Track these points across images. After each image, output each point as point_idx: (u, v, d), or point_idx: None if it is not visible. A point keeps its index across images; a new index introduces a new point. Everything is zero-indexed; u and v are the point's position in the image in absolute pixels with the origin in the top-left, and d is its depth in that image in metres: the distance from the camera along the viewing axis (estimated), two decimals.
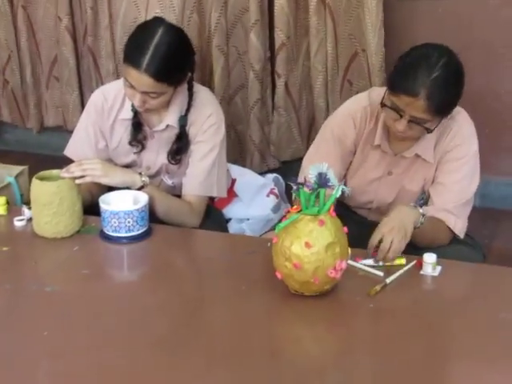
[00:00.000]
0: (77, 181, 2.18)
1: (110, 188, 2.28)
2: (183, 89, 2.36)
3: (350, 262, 1.93)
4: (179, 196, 2.41)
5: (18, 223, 2.25)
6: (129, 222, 2.13)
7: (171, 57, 2.21)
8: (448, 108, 2.14)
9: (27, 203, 2.27)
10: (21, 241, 2.20)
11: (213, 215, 2.53)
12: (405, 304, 1.86)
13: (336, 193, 1.79)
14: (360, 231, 2.05)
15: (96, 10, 3.95)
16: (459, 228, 2.25)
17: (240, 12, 3.65)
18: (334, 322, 1.80)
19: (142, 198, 2.20)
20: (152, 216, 2.23)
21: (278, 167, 3.86)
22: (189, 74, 2.34)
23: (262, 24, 3.58)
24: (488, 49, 3.43)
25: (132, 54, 2.21)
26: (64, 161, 2.34)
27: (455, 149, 2.24)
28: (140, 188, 2.25)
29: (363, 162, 2.34)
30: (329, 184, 1.77)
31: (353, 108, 2.33)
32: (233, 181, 3.10)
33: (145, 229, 2.18)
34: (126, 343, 1.68)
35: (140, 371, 1.58)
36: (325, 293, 1.83)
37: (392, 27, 3.42)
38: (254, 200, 3.25)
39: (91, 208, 2.28)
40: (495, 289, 1.93)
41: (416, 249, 2.12)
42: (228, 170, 2.69)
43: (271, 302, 1.86)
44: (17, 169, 2.80)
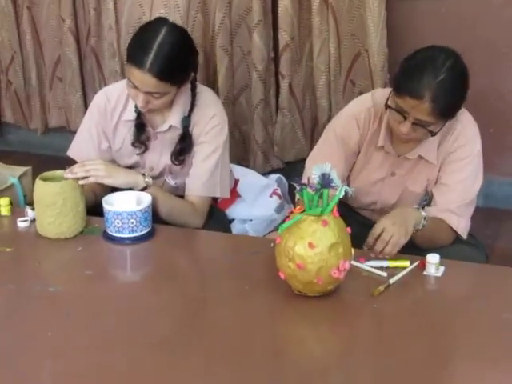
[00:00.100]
0: (80, 181, 2.18)
1: (114, 189, 2.28)
2: (186, 89, 2.36)
3: (354, 263, 1.93)
4: (182, 197, 2.41)
5: (22, 224, 2.25)
6: (132, 223, 2.13)
7: (174, 57, 2.21)
8: (452, 111, 2.13)
9: (30, 204, 2.28)
10: (24, 241, 2.20)
11: (216, 216, 2.53)
12: (408, 304, 1.86)
13: (339, 193, 1.79)
14: (363, 232, 2.04)
15: (99, 11, 3.96)
16: (462, 228, 2.24)
17: (244, 12, 3.65)
18: (338, 323, 1.80)
19: (146, 199, 2.20)
20: (155, 217, 2.23)
21: (282, 167, 3.86)
22: (192, 74, 2.34)
23: (266, 24, 3.58)
24: (491, 48, 3.42)
25: (135, 54, 2.21)
26: (67, 162, 2.34)
27: (459, 149, 2.24)
28: (143, 189, 2.25)
29: (366, 163, 2.34)
30: (332, 184, 1.76)
31: (356, 109, 2.33)
32: (236, 181, 3.10)
33: (148, 229, 2.18)
34: (129, 343, 1.68)
35: (143, 371, 1.57)
36: (328, 293, 1.83)
37: (395, 27, 3.42)
38: (257, 200, 3.25)
39: (94, 208, 2.28)
40: (498, 289, 1.93)
41: (419, 249, 2.12)
42: (231, 171, 2.68)
43: (274, 303, 1.85)
44: (20, 170, 2.80)
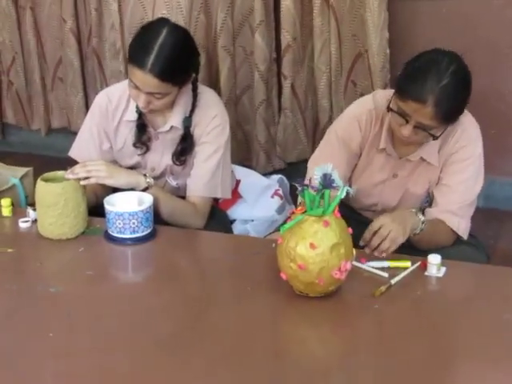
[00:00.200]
0: (81, 182, 2.18)
1: (115, 189, 2.28)
2: (187, 89, 2.36)
3: (355, 263, 1.93)
4: (184, 197, 2.41)
5: (23, 225, 2.25)
6: (133, 223, 2.13)
7: (175, 57, 2.21)
8: (455, 115, 2.13)
9: (32, 205, 2.28)
10: (26, 242, 2.21)
11: (217, 216, 2.53)
12: (409, 305, 1.86)
13: (341, 194, 1.79)
14: (365, 232, 2.04)
15: (100, 12, 3.96)
16: (463, 229, 2.25)
17: (246, 12, 3.65)
18: (339, 323, 1.80)
19: (147, 199, 2.20)
20: (156, 217, 2.24)
21: (284, 168, 3.86)
22: (193, 75, 2.34)
23: (267, 25, 3.58)
24: (492, 49, 3.42)
25: (136, 55, 2.21)
26: (69, 162, 2.34)
27: (461, 150, 2.24)
28: (145, 189, 2.25)
29: (368, 165, 2.34)
30: (333, 185, 1.76)
31: (358, 111, 2.33)
32: (237, 182, 3.10)
33: (149, 230, 2.18)
34: (131, 344, 1.68)
35: (144, 372, 1.57)
36: (329, 294, 1.83)
37: (397, 28, 3.42)
38: (259, 201, 3.25)
39: (96, 209, 2.28)
40: (499, 290, 1.93)
41: (420, 250, 2.12)
42: (232, 171, 2.68)
43: (276, 303, 1.86)
44: (21, 170, 2.80)
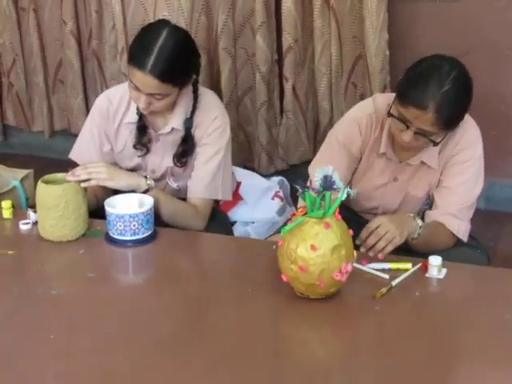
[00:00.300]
0: (82, 184, 2.18)
1: (116, 191, 2.28)
2: (188, 91, 2.36)
3: (356, 265, 1.93)
4: (184, 199, 2.41)
5: (24, 227, 2.25)
6: (134, 225, 2.13)
7: (176, 58, 2.21)
8: (455, 122, 2.12)
9: (32, 207, 2.27)
10: (26, 244, 2.20)
11: (218, 218, 2.53)
12: (410, 306, 1.86)
13: (341, 195, 1.79)
14: (362, 231, 2.04)
15: (101, 14, 3.97)
16: (462, 232, 2.25)
17: (248, 14, 3.65)
18: (340, 325, 1.80)
19: (148, 201, 2.19)
20: (157, 219, 2.23)
21: (286, 169, 3.86)
22: (194, 76, 2.34)
23: (269, 26, 3.59)
24: (494, 51, 3.42)
25: (137, 56, 2.21)
26: (69, 164, 2.34)
27: (461, 152, 2.24)
28: (145, 191, 2.25)
29: (368, 169, 2.34)
30: (334, 187, 1.76)
31: (358, 115, 2.32)
32: (238, 184, 3.10)
33: (150, 232, 2.18)
34: (131, 346, 1.68)
35: (145, 374, 1.57)
36: (330, 295, 1.83)
37: (397, 30, 3.42)
38: (259, 203, 3.25)
39: (97, 212, 2.28)
40: (500, 291, 1.93)
41: (420, 252, 2.12)
42: (233, 173, 2.69)
43: (276, 305, 1.85)
44: (22, 172, 2.80)
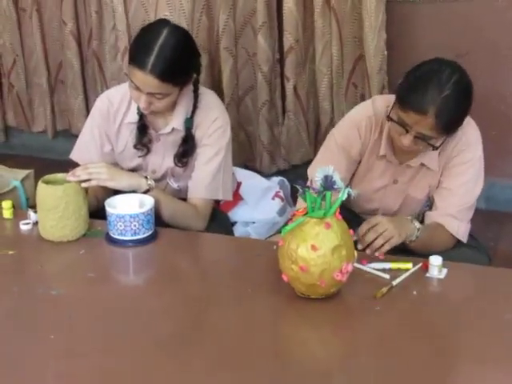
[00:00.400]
0: (82, 184, 2.18)
1: (116, 192, 2.28)
2: (188, 90, 2.36)
3: (356, 265, 1.93)
4: (185, 199, 2.41)
5: (24, 227, 2.25)
6: (134, 226, 2.13)
7: (176, 57, 2.21)
8: (455, 126, 2.12)
9: (32, 207, 2.27)
10: (27, 244, 2.20)
11: (218, 218, 2.53)
12: (411, 306, 1.86)
13: (342, 195, 1.79)
14: (361, 226, 2.04)
15: (101, 14, 3.97)
16: (462, 232, 2.25)
17: (249, 14, 3.66)
18: (340, 325, 1.80)
19: (148, 202, 2.19)
20: (158, 219, 2.23)
21: (287, 169, 3.86)
22: (194, 76, 2.34)
23: (270, 26, 3.59)
24: (493, 51, 3.43)
25: (137, 55, 2.21)
26: (70, 164, 2.33)
27: (461, 153, 2.24)
28: (146, 191, 2.25)
29: (368, 172, 2.34)
30: (335, 187, 1.76)
31: (357, 118, 2.32)
32: (238, 184, 3.10)
33: (150, 232, 2.18)
34: (132, 346, 1.68)
35: (145, 374, 1.57)
36: (331, 295, 1.83)
37: (395, 30, 3.42)
38: (260, 203, 3.25)
39: (97, 213, 2.28)
40: (501, 291, 1.93)
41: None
42: (233, 173, 2.68)
43: (277, 305, 1.85)
44: (22, 173, 2.80)
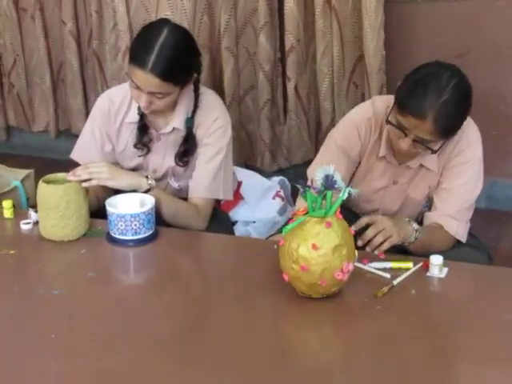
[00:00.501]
0: (83, 184, 2.18)
1: (117, 191, 2.28)
2: (189, 90, 2.36)
3: (357, 264, 1.93)
4: (185, 199, 2.41)
5: (25, 226, 2.25)
6: (135, 225, 2.13)
7: (177, 57, 2.21)
8: (454, 130, 2.11)
9: (33, 207, 2.27)
10: (27, 244, 2.20)
11: (219, 218, 2.53)
12: (412, 305, 1.86)
13: (343, 195, 1.79)
14: (360, 219, 2.04)
15: (101, 14, 3.97)
16: (461, 232, 2.25)
17: (250, 13, 3.66)
18: (341, 324, 1.80)
19: (149, 201, 2.19)
20: (158, 219, 2.23)
21: (287, 169, 3.87)
22: (194, 75, 2.34)
23: (272, 26, 3.60)
24: (494, 50, 3.43)
25: (137, 55, 2.21)
26: (70, 164, 2.34)
27: (461, 153, 2.23)
28: (146, 191, 2.25)
29: (368, 173, 2.34)
30: (335, 186, 1.76)
31: (357, 119, 2.32)
32: (239, 183, 3.10)
33: (151, 232, 2.18)
34: (132, 345, 1.68)
35: (146, 374, 1.57)
36: (332, 295, 1.83)
37: (395, 30, 3.42)
38: (260, 203, 3.25)
39: (98, 213, 2.28)
40: (501, 290, 1.93)
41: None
42: (234, 173, 2.69)
43: (278, 305, 1.85)
44: (22, 172, 2.80)
